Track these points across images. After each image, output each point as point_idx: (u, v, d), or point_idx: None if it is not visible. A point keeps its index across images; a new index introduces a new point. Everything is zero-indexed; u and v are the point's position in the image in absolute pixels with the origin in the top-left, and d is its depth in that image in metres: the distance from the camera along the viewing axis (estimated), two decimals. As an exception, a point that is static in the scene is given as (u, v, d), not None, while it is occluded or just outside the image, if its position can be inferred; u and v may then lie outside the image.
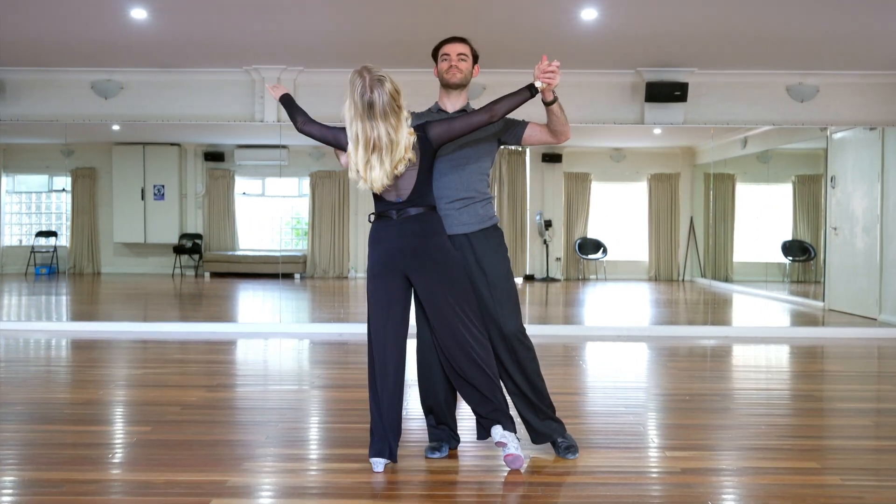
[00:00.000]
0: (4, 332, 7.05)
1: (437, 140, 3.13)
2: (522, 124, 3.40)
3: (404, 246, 3.12)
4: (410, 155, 3.06)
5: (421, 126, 3.17)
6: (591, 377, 5.53)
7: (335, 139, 3.27)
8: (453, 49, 3.37)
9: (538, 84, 3.09)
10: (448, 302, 3.13)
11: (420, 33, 6.64)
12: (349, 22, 6.39)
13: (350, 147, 3.07)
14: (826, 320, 8.30)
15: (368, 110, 2.98)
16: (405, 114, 3.06)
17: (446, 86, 3.38)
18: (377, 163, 3.01)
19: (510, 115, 3.24)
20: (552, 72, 3.07)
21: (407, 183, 3.13)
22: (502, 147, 3.53)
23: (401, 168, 3.05)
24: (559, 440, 3.45)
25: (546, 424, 3.44)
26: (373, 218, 3.23)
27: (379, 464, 3.21)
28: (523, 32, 6.57)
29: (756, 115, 7.99)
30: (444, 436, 3.45)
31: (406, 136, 3.04)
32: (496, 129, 3.36)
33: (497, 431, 3.20)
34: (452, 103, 3.41)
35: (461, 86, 3.37)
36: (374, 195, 3.18)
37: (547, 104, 3.20)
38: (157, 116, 8.08)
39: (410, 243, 3.12)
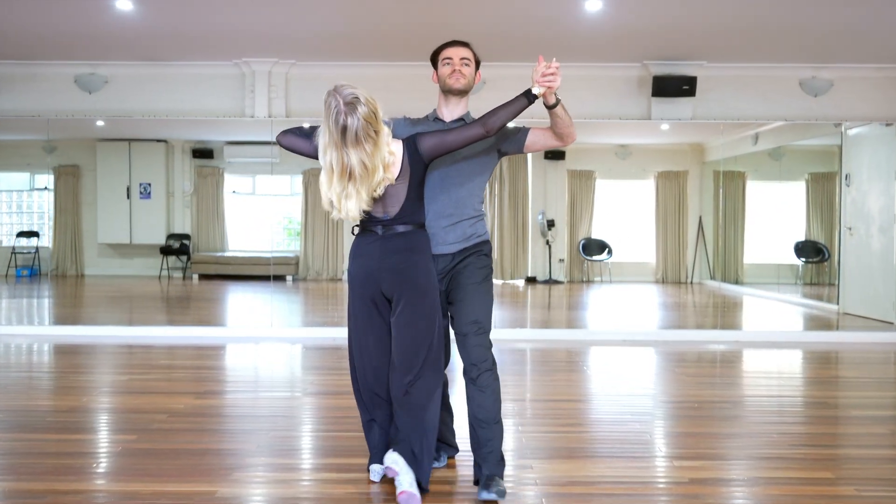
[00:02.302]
0: (-16, 336, 7.04)
1: (427, 154, 3.03)
2: (523, 131, 3.29)
3: (385, 262, 3.04)
4: (390, 174, 2.96)
5: (412, 137, 3.05)
6: (596, 383, 5.53)
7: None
8: (456, 53, 3.25)
9: (536, 90, 2.99)
10: (415, 329, 3.05)
11: (417, 25, 6.65)
12: (343, 13, 6.39)
13: (323, 177, 2.94)
14: (841, 324, 8.31)
15: (342, 137, 2.85)
16: (385, 132, 2.94)
17: (447, 92, 3.26)
18: (353, 192, 2.91)
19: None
20: (552, 74, 2.97)
21: (395, 199, 3.03)
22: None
23: (379, 191, 2.96)
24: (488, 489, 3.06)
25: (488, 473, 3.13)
26: (357, 231, 3.14)
27: (376, 472, 3.23)
28: (525, 24, 6.58)
29: (767, 110, 7.99)
30: (440, 445, 3.46)
31: (385, 157, 2.93)
32: (494, 140, 3.24)
33: (389, 456, 3.06)
34: (451, 111, 3.29)
35: (463, 92, 3.26)
36: None
37: (549, 108, 3.09)
38: (144, 112, 8.08)
39: (392, 260, 3.03)
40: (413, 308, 3.05)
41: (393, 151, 2.99)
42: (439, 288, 3.19)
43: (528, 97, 3.01)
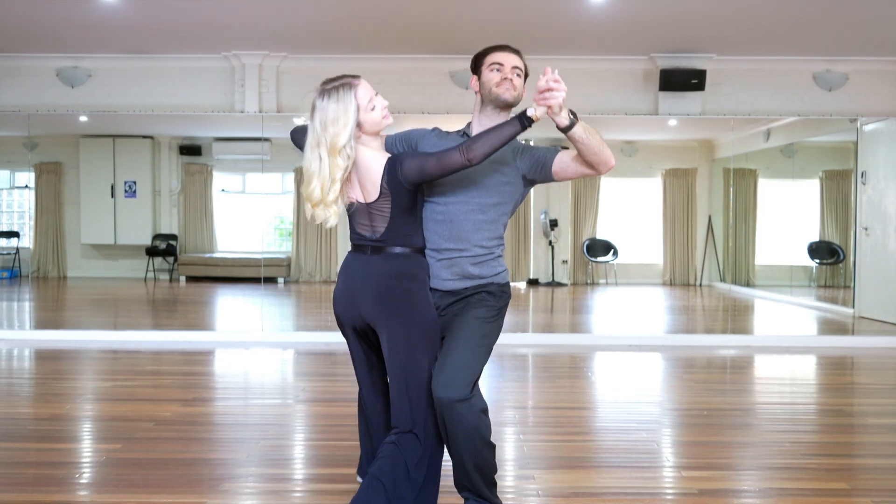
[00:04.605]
0: (-39, 341, 7.04)
1: (407, 180, 2.70)
2: (551, 155, 2.85)
3: (370, 286, 2.76)
4: (334, 196, 2.69)
5: (395, 158, 2.74)
6: (601, 390, 5.53)
7: None
8: (508, 59, 2.85)
9: (532, 111, 2.62)
10: (408, 369, 2.75)
11: (415, 16, 6.66)
12: (337, 3, 6.39)
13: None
14: (856, 328, 8.32)
15: None
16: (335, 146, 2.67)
17: (492, 101, 2.86)
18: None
19: (535, 142, 2.86)
20: (549, 90, 2.56)
21: (380, 217, 2.77)
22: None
23: (323, 214, 2.72)
24: None
25: None
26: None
27: None
28: (527, 15, 6.58)
29: (780, 105, 8.01)
30: None
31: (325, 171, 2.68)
32: (515, 163, 2.89)
33: None
34: (486, 126, 2.84)
35: (510, 106, 2.86)
36: (351, 227, 2.87)
37: (563, 130, 2.66)
38: (129, 106, 8.08)
39: (377, 284, 2.75)
40: (395, 341, 2.75)
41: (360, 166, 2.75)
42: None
43: (522, 121, 2.65)
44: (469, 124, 2.97)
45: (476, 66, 2.95)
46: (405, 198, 2.74)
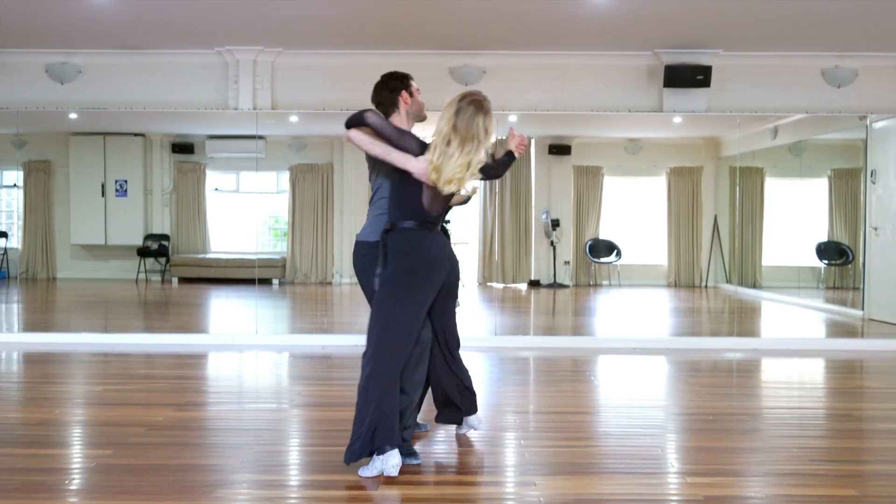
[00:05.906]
0: (-52, 344, 7.03)
1: None
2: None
3: (448, 257, 3.73)
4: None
5: None
6: (604, 394, 5.53)
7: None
8: None
9: (516, 153, 4.07)
10: (454, 310, 3.95)
11: (413, 12, 6.66)
12: (334, -2, 6.40)
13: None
14: (866, 331, 8.33)
15: None
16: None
17: (417, 118, 3.98)
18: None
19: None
20: (524, 146, 4.09)
21: (444, 202, 3.66)
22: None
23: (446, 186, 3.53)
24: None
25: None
26: (406, 225, 3.59)
27: (395, 466, 3.48)
28: (529, 11, 6.58)
29: (787, 101, 8.01)
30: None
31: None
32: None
33: (471, 422, 4.09)
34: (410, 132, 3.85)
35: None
36: (407, 203, 3.59)
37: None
38: (120, 103, 8.08)
39: (449, 256, 3.76)
40: (454, 291, 3.92)
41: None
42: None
43: (513, 156, 4.04)
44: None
45: (405, 87, 3.91)
46: None
